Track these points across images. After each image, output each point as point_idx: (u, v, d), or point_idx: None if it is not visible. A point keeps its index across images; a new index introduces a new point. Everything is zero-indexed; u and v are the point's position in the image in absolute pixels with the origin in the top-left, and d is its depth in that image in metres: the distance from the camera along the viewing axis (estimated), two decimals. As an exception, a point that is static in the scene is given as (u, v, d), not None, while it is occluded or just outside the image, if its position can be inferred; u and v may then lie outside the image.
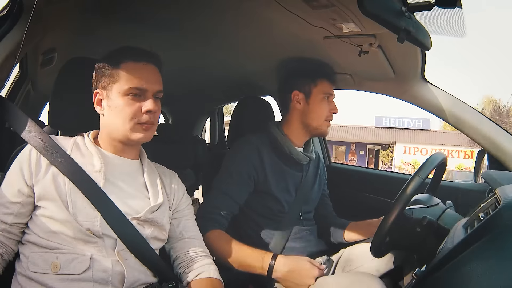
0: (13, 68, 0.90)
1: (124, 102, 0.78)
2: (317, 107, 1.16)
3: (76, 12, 1.03)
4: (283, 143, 1.16)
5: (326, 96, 1.16)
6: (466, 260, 0.60)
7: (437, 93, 1.19)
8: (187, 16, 1.09)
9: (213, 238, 0.99)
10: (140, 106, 0.78)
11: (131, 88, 0.77)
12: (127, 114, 0.77)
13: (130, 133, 0.79)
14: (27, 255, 0.72)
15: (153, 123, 0.80)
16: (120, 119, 0.78)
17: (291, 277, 0.94)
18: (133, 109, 0.77)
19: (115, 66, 0.79)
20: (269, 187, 1.12)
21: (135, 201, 0.81)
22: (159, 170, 0.92)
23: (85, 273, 0.70)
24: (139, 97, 0.78)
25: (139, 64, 0.79)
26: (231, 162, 1.13)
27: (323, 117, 1.17)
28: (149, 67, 0.80)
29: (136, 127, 0.78)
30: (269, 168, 1.12)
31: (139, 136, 0.79)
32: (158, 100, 0.82)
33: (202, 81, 1.96)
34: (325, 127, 1.19)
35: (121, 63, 0.78)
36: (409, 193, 0.83)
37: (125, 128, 0.78)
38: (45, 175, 0.74)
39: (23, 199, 0.73)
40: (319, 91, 1.16)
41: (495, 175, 0.91)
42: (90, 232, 0.72)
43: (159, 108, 0.82)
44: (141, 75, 0.78)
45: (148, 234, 0.79)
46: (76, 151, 0.80)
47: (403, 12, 0.68)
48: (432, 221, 0.83)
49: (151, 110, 0.78)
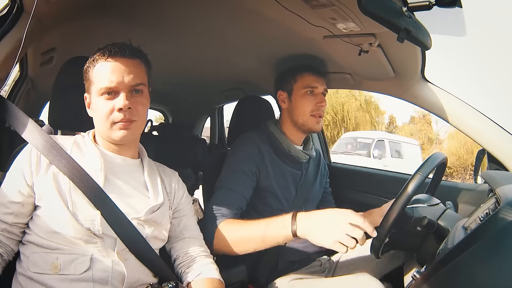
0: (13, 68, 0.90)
1: (100, 102, 0.77)
2: (299, 103, 1.14)
3: (75, 12, 1.03)
4: (282, 141, 1.15)
5: (309, 91, 1.14)
6: (466, 261, 0.60)
7: (437, 92, 1.18)
8: (187, 16, 1.09)
9: (226, 228, 0.95)
10: (114, 104, 0.76)
11: (102, 88, 0.76)
12: (102, 114, 0.77)
13: (109, 133, 0.78)
14: (27, 255, 0.72)
15: (129, 119, 0.77)
16: (99, 120, 0.78)
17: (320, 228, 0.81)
18: (107, 109, 0.76)
19: (91, 68, 0.79)
20: (270, 184, 1.12)
21: (135, 200, 0.80)
22: (160, 169, 0.91)
23: (85, 273, 0.70)
24: (113, 95, 0.77)
25: (110, 61, 0.77)
26: (233, 159, 1.11)
27: (307, 112, 1.14)
28: (121, 61, 0.77)
29: (114, 126, 0.77)
30: (269, 164, 1.12)
31: (119, 134, 0.78)
32: (140, 93, 0.79)
33: (202, 81, 1.95)
34: (312, 122, 1.14)
35: (95, 64, 0.78)
36: (410, 190, 0.82)
37: (104, 128, 0.78)
38: (46, 174, 0.74)
39: (23, 199, 0.73)
40: (299, 87, 1.15)
41: (495, 175, 0.90)
42: (90, 232, 0.72)
43: (140, 103, 0.79)
44: (112, 72, 0.76)
45: (148, 234, 0.79)
46: (76, 150, 0.80)
47: (403, 12, 0.68)
48: (432, 222, 0.83)
49: (121, 107, 0.75)
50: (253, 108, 1.38)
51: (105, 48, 0.78)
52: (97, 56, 0.78)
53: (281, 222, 0.88)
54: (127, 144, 0.83)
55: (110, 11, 1.07)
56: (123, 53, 0.77)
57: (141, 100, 0.80)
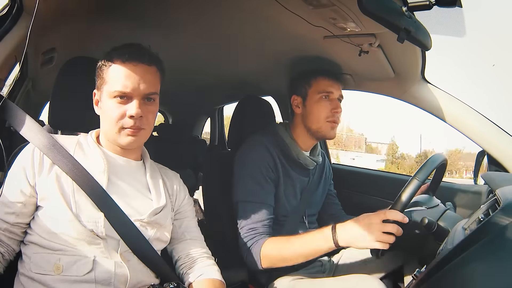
0: (13, 68, 0.90)
1: (111, 104, 0.76)
2: (314, 108, 1.11)
3: (75, 12, 1.03)
4: (292, 147, 1.13)
5: (324, 96, 1.11)
6: (466, 261, 0.60)
7: (437, 93, 1.18)
8: (187, 16, 1.09)
9: (269, 249, 0.97)
10: (126, 109, 0.75)
11: (115, 91, 0.75)
12: (113, 117, 0.75)
13: (117, 137, 0.77)
14: (29, 255, 0.72)
15: (138, 127, 0.76)
16: (108, 122, 0.77)
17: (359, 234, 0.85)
18: (118, 113, 0.75)
19: (106, 66, 0.77)
20: (278, 190, 1.10)
21: (138, 202, 0.80)
22: (162, 171, 0.91)
23: (88, 275, 0.70)
24: (126, 99, 0.75)
25: (128, 64, 0.75)
26: (250, 168, 1.07)
27: (323, 118, 1.10)
28: (139, 67, 0.75)
29: (122, 131, 0.76)
30: (280, 170, 1.10)
31: (126, 140, 0.77)
32: (152, 101, 0.79)
33: (202, 81, 1.95)
34: (327, 129, 1.11)
35: (111, 64, 0.76)
36: (406, 198, 0.83)
37: (112, 131, 0.77)
38: (49, 174, 0.74)
39: (25, 198, 0.73)
40: (314, 91, 1.12)
41: (495, 176, 0.90)
42: (93, 233, 0.71)
43: (150, 111, 0.78)
44: (128, 77, 0.74)
45: (151, 235, 0.79)
46: (79, 151, 0.80)
47: (403, 12, 0.68)
48: (432, 222, 0.83)
49: (134, 115, 0.74)
50: (254, 109, 1.38)
51: (123, 49, 0.77)
52: (114, 55, 0.76)
53: (322, 236, 0.91)
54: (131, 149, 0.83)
55: (110, 11, 1.07)
56: (142, 59, 0.76)
57: (152, 108, 0.79)
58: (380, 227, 0.82)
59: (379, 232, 0.82)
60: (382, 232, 0.82)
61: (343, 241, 0.88)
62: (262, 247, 0.98)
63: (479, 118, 1.14)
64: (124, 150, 0.82)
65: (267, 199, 1.05)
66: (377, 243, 0.82)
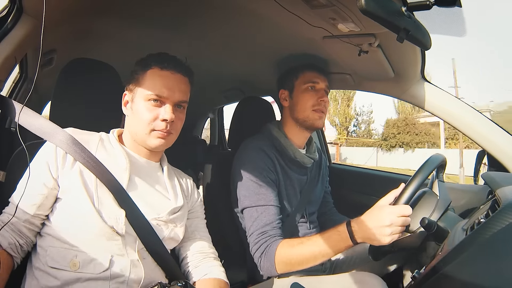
0: (13, 68, 0.90)
1: (144, 107, 0.80)
2: (300, 98, 1.13)
3: (75, 13, 1.03)
4: (287, 146, 1.13)
5: (310, 86, 1.12)
6: (465, 262, 0.60)
7: (436, 92, 1.18)
8: (186, 16, 1.09)
9: (283, 254, 0.95)
10: (158, 113, 0.79)
11: (151, 94, 0.79)
12: (145, 119, 0.79)
13: (147, 138, 0.80)
14: (45, 248, 0.73)
15: (169, 132, 0.81)
16: (139, 123, 0.80)
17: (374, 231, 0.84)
18: (151, 115, 0.79)
19: (143, 70, 0.81)
20: (280, 191, 1.10)
21: (156, 201, 0.83)
22: (177, 174, 0.94)
23: (104, 273, 0.71)
24: (159, 103, 0.80)
25: (165, 72, 0.80)
26: (251, 173, 1.06)
27: (309, 107, 1.11)
28: (175, 76, 0.81)
29: (153, 133, 0.80)
30: (280, 171, 1.11)
31: (155, 142, 0.81)
32: (182, 109, 0.84)
33: (202, 82, 1.95)
34: (314, 117, 1.12)
35: (148, 68, 0.81)
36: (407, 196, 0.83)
37: (142, 133, 0.80)
38: (72, 168, 0.75)
39: (48, 191, 0.74)
40: (300, 82, 1.14)
41: (495, 176, 0.90)
42: (113, 230, 0.73)
43: (180, 118, 0.83)
44: (164, 83, 0.80)
45: (166, 234, 0.81)
46: (102, 148, 0.82)
47: (403, 12, 0.67)
48: (431, 223, 0.82)
49: (167, 119, 0.79)
50: (254, 109, 1.38)
51: (161, 58, 0.82)
52: (152, 61, 0.81)
53: (338, 236, 0.89)
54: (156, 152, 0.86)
55: (109, 12, 1.07)
56: (179, 69, 0.82)
57: (181, 115, 0.84)
58: (391, 221, 0.82)
59: (392, 227, 0.82)
60: (394, 226, 0.82)
61: (361, 238, 0.87)
62: (276, 252, 0.96)
63: (479, 117, 1.14)
64: (148, 152, 0.85)
65: (272, 201, 1.04)
66: (391, 237, 0.82)
